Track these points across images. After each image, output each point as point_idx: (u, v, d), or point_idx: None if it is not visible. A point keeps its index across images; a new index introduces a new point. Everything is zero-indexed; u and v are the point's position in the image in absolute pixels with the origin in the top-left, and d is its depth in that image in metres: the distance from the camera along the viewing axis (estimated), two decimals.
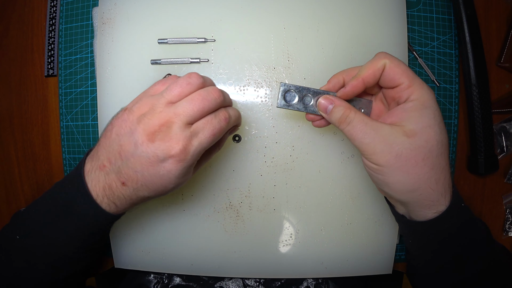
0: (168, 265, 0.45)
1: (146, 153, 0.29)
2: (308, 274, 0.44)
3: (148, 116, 0.30)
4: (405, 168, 0.29)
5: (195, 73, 0.32)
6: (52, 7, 0.48)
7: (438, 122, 0.29)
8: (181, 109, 0.30)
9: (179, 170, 0.30)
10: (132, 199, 0.33)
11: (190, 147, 0.29)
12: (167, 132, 0.29)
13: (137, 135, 0.29)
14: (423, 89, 0.30)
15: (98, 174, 0.32)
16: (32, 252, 0.35)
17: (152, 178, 0.30)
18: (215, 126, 0.31)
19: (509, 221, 0.47)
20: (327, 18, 0.42)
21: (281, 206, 0.43)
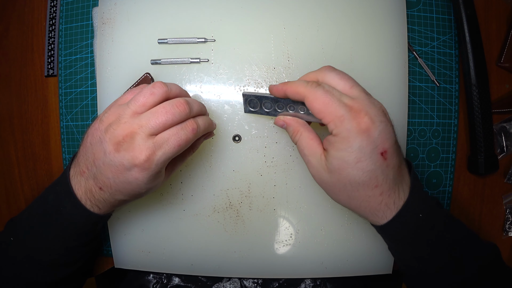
0: (168, 265, 0.45)
1: (114, 162, 0.31)
2: (308, 274, 0.44)
3: (113, 126, 0.31)
4: (330, 190, 0.33)
5: (159, 82, 0.33)
6: (52, 7, 0.48)
7: (357, 159, 0.29)
8: (145, 120, 0.31)
9: (146, 178, 0.31)
10: (111, 202, 0.34)
11: (153, 157, 0.30)
12: (131, 143, 0.30)
13: (105, 144, 0.31)
14: (342, 125, 0.29)
15: (80, 179, 0.34)
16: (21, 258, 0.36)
17: (123, 185, 0.32)
18: (181, 137, 0.31)
19: (509, 221, 0.47)
20: (327, 18, 0.42)
21: (281, 206, 0.43)
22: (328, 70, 0.32)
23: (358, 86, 0.32)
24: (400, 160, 0.32)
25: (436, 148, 0.46)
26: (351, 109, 0.29)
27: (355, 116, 0.29)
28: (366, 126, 0.29)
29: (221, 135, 0.42)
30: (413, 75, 0.45)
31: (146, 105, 0.32)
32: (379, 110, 0.30)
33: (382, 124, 0.29)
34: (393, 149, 0.30)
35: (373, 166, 0.29)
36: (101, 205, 0.35)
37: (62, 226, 0.35)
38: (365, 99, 0.30)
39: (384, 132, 0.29)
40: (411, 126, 0.45)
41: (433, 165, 0.46)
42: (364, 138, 0.29)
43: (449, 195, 0.46)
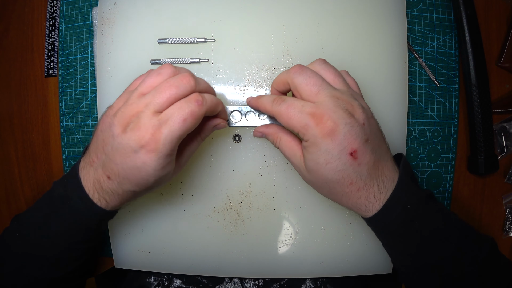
0: (168, 265, 0.45)
1: (122, 145, 0.30)
2: (308, 274, 0.44)
3: (122, 109, 0.31)
4: (314, 186, 0.35)
5: (167, 64, 0.33)
6: (52, 7, 0.48)
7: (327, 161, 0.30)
8: (149, 98, 0.30)
9: (154, 161, 0.30)
10: (119, 194, 0.33)
11: (159, 135, 0.29)
12: (137, 122, 0.30)
13: (114, 127, 0.30)
14: (308, 132, 0.30)
15: (89, 169, 0.33)
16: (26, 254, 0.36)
17: (131, 171, 0.31)
18: (185, 111, 0.30)
19: (509, 221, 0.47)
20: (327, 18, 0.42)
21: (281, 206, 0.43)
22: (296, 74, 0.32)
23: (324, 90, 0.31)
24: (376, 156, 0.32)
25: (436, 148, 0.46)
26: (313, 116, 0.30)
27: (318, 122, 0.30)
28: (329, 130, 0.30)
29: (221, 135, 0.42)
30: (413, 75, 0.45)
31: (153, 86, 0.31)
32: (344, 112, 0.30)
33: (347, 126, 0.30)
34: (363, 147, 0.31)
35: (343, 166, 0.31)
36: (108, 198, 0.33)
37: (67, 220, 0.35)
38: (329, 103, 0.30)
39: (349, 133, 0.30)
40: (411, 126, 0.45)
41: (433, 165, 0.46)
42: (329, 141, 0.30)
43: (449, 195, 0.46)
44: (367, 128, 0.31)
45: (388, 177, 0.33)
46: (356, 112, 0.31)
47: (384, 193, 0.32)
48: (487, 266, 0.33)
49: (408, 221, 0.32)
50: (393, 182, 0.33)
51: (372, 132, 0.32)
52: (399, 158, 0.37)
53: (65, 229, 0.35)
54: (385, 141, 0.34)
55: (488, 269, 0.33)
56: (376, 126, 0.33)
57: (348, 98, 0.31)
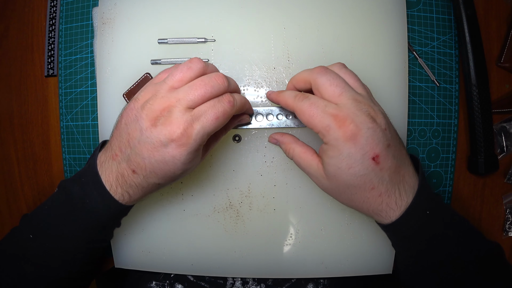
0: (168, 265, 0.45)
1: (150, 139, 0.30)
2: (308, 274, 0.44)
3: (150, 101, 0.30)
4: (333, 194, 0.34)
5: (196, 58, 0.33)
6: (52, 7, 0.48)
7: (349, 165, 0.30)
8: (182, 93, 0.30)
9: (184, 156, 0.30)
10: (143, 187, 0.33)
11: (191, 130, 0.29)
12: (168, 117, 0.29)
13: (141, 121, 0.30)
14: (330, 135, 0.30)
15: (111, 164, 0.33)
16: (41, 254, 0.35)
17: (159, 165, 0.31)
18: (219, 109, 0.30)
19: (509, 221, 0.47)
20: (327, 18, 0.42)
21: (281, 206, 0.43)
22: (320, 74, 0.32)
23: (347, 92, 0.31)
24: (397, 162, 0.32)
25: (436, 148, 0.46)
26: (336, 118, 0.30)
27: (341, 125, 0.30)
28: (352, 134, 0.30)
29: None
30: (413, 75, 0.45)
31: (184, 80, 0.31)
32: (367, 117, 0.30)
33: (369, 130, 0.30)
34: (385, 152, 0.31)
35: (365, 171, 0.30)
36: (132, 191, 0.33)
37: (85, 219, 0.34)
38: (351, 107, 0.30)
39: (372, 137, 0.30)
40: (411, 126, 0.45)
41: (433, 165, 0.46)
42: (352, 145, 0.30)
43: (449, 195, 0.46)
44: (389, 134, 0.31)
45: (409, 183, 0.32)
46: (378, 117, 0.31)
47: (406, 200, 0.32)
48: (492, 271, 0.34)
49: (426, 226, 0.32)
50: (414, 188, 0.32)
51: (393, 137, 0.32)
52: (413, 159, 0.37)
53: (82, 228, 0.35)
54: (403, 146, 0.34)
55: (494, 274, 0.34)
56: (395, 132, 0.33)
57: (369, 103, 0.32)
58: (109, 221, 0.35)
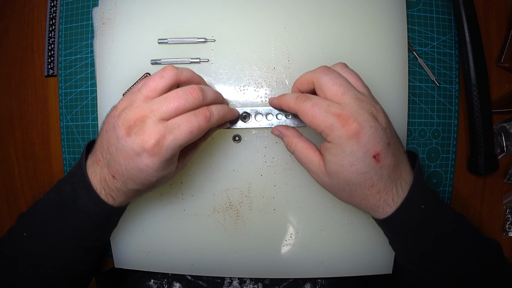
0: (168, 265, 0.45)
1: (125, 147, 0.30)
2: (308, 274, 0.44)
3: (126, 111, 0.31)
4: (332, 191, 0.35)
5: (169, 66, 0.33)
6: (52, 7, 0.48)
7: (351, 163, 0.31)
8: (156, 105, 0.31)
9: (156, 164, 0.31)
10: (124, 192, 0.34)
11: (163, 141, 0.30)
12: (142, 126, 0.30)
13: (118, 129, 0.31)
14: (333, 133, 0.31)
15: (95, 168, 0.34)
16: (37, 253, 0.36)
17: (134, 172, 0.31)
18: (193, 124, 0.31)
19: (509, 221, 0.47)
20: (327, 18, 0.42)
21: (281, 206, 0.43)
22: (323, 74, 0.33)
23: (350, 91, 0.32)
24: (396, 160, 0.32)
25: (436, 148, 0.46)
26: (339, 117, 0.30)
27: (344, 124, 0.30)
28: (355, 132, 0.30)
29: (221, 135, 0.42)
30: (413, 75, 0.45)
31: (157, 89, 0.32)
32: (369, 115, 0.31)
33: (372, 129, 0.30)
34: (386, 151, 0.31)
35: (366, 169, 0.31)
36: (114, 195, 0.34)
37: (77, 218, 0.35)
38: (354, 105, 0.31)
39: (373, 136, 0.30)
40: (411, 126, 0.45)
41: (433, 165, 0.46)
42: (354, 143, 0.30)
43: (449, 195, 0.46)
44: (389, 132, 0.32)
45: (405, 180, 0.33)
46: (379, 116, 0.32)
47: (402, 196, 0.33)
48: (491, 269, 0.34)
49: (421, 221, 0.33)
50: (409, 184, 0.33)
51: (393, 136, 0.33)
52: (411, 155, 0.37)
53: (75, 227, 0.36)
54: (401, 145, 0.35)
55: (492, 272, 0.34)
56: (394, 131, 0.34)
57: (371, 102, 0.32)
58: (100, 220, 0.36)
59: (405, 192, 0.33)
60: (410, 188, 0.33)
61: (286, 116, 0.40)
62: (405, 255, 0.37)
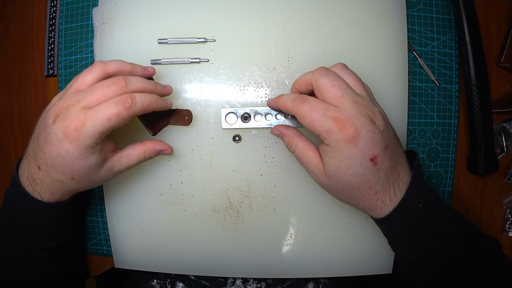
0: (168, 265, 0.45)
1: (50, 134, 0.31)
2: (308, 274, 0.44)
3: (56, 103, 0.33)
4: (331, 192, 0.35)
5: (98, 61, 0.35)
6: (52, 7, 0.48)
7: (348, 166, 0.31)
8: (82, 94, 0.32)
9: (76, 151, 0.31)
10: (48, 184, 0.34)
11: (82, 127, 0.31)
12: (66, 114, 0.31)
13: (47, 119, 0.32)
14: (330, 137, 0.31)
15: (25, 164, 0.35)
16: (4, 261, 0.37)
17: (57, 160, 0.32)
18: (111, 110, 0.31)
19: (509, 221, 0.47)
20: (327, 18, 0.42)
21: (281, 206, 0.43)
22: (322, 75, 0.33)
23: (348, 94, 0.32)
24: (394, 162, 0.33)
25: (436, 148, 0.46)
26: (337, 121, 0.31)
27: (341, 128, 0.30)
28: (352, 136, 0.30)
29: (221, 135, 0.42)
30: (413, 75, 0.45)
31: (85, 83, 0.33)
32: (366, 119, 0.31)
33: (369, 133, 0.31)
34: (383, 153, 0.32)
35: (363, 171, 0.31)
36: (40, 189, 0.35)
37: (20, 220, 0.36)
38: (352, 109, 0.31)
39: (370, 140, 0.31)
40: (411, 126, 0.45)
41: (433, 165, 0.46)
42: (351, 147, 0.31)
43: (449, 195, 0.46)
44: (386, 135, 0.32)
45: (403, 180, 0.33)
46: (377, 119, 0.32)
47: (399, 196, 0.33)
48: (490, 267, 0.34)
49: (418, 220, 0.33)
50: (407, 184, 0.33)
51: (391, 138, 0.33)
52: (411, 154, 0.37)
53: (23, 229, 0.36)
54: (400, 146, 0.35)
55: (492, 270, 0.34)
56: (393, 132, 0.34)
57: (369, 105, 0.32)
58: (42, 218, 0.36)
59: (402, 192, 0.33)
60: (408, 187, 0.33)
61: (285, 116, 0.40)
62: (403, 254, 0.37)
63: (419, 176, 0.34)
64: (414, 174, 0.34)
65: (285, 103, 0.35)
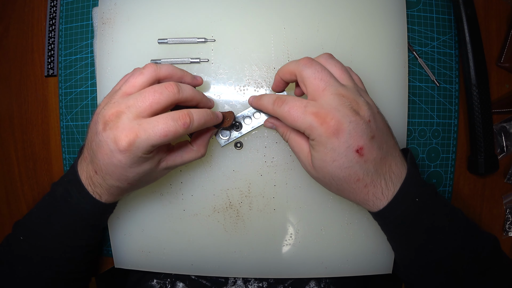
0: (168, 265, 0.45)
1: (101, 142, 0.31)
2: (308, 274, 0.44)
3: (105, 107, 0.32)
4: (322, 184, 0.35)
5: (149, 63, 0.33)
6: (52, 7, 0.48)
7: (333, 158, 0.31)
8: (132, 100, 0.31)
9: (128, 161, 0.31)
10: (106, 188, 0.34)
11: (135, 138, 0.29)
12: (116, 122, 0.30)
13: (97, 125, 0.31)
14: (313, 132, 0.31)
15: (83, 164, 0.35)
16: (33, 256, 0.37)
17: (111, 167, 0.32)
18: (169, 128, 0.30)
19: (509, 221, 0.47)
20: (327, 18, 0.42)
21: (281, 206, 0.43)
22: (306, 66, 0.32)
23: (330, 87, 0.31)
24: (383, 153, 0.32)
25: (436, 148, 0.46)
26: (317, 115, 0.30)
27: (322, 122, 0.30)
28: (334, 129, 0.30)
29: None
30: (413, 75, 0.45)
31: (136, 85, 0.32)
32: (349, 110, 0.30)
33: (352, 124, 0.30)
34: (369, 144, 0.31)
35: (349, 163, 0.31)
36: (99, 191, 0.35)
37: (70, 216, 0.36)
38: (333, 102, 0.30)
39: (354, 131, 0.30)
40: (411, 126, 0.45)
41: (433, 165, 0.46)
42: (335, 140, 0.30)
43: (449, 195, 0.46)
44: (373, 125, 0.31)
45: (396, 173, 0.33)
46: (362, 109, 0.31)
47: (392, 190, 0.32)
48: (489, 264, 0.34)
49: (415, 214, 0.33)
50: (401, 177, 0.33)
51: (379, 128, 0.32)
52: (405, 152, 0.37)
53: (69, 226, 0.36)
54: (392, 136, 0.34)
55: (490, 267, 0.34)
56: (383, 122, 0.33)
57: (353, 95, 0.32)
58: (91, 218, 0.37)
59: (396, 186, 0.32)
60: (404, 181, 0.32)
61: None
62: (400, 250, 0.37)
63: (415, 169, 0.34)
64: (409, 168, 0.33)
65: (265, 106, 0.35)
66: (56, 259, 0.37)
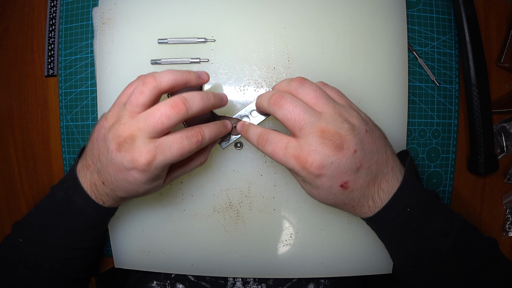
0: (168, 265, 0.45)
1: (115, 160, 0.31)
2: (308, 274, 0.44)
3: (115, 126, 0.31)
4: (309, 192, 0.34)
5: (149, 77, 0.32)
6: (52, 7, 0.48)
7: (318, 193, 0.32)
8: (142, 123, 0.30)
9: (145, 179, 0.32)
10: (113, 197, 0.35)
11: (154, 160, 0.30)
12: (132, 144, 0.30)
13: (109, 142, 0.31)
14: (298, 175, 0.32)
15: (86, 172, 0.35)
16: (34, 256, 0.37)
17: (123, 183, 0.32)
18: (184, 147, 0.31)
19: (509, 221, 0.47)
20: (327, 18, 0.42)
21: (281, 206, 0.43)
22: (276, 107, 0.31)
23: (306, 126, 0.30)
24: (371, 176, 0.31)
25: (436, 148, 0.46)
26: (298, 159, 0.30)
27: (303, 167, 0.30)
28: (315, 174, 0.30)
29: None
30: (413, 75, 0.45)
31: (139, 105, 0.31)
32: (330, 149, 0.29)
33: (334, 164, 0.29)
34: (355, 176, 0.30)
35: (334, 196, 0.32)
36: (104, 199, 0.36)
37: (72, 220, 0.36)
38: (312, 142, 0.29)
39: (337, 170, 0.30)
40: (411, 126, 0.45)
41: (433, 165, 0.46)
42: (318, 180, 0.30)
43: (449, 195, 0.46)
44: (360, 153, 0.30)
45: (386, 189, 0.32)
46: (346, 141, 0.29)
47: (380, 205, 0.33)
48: (487, 266, 0.34)
49: (404, 223, 0.33)
50: (392, 191, 0.32)
51: (367, 151, 0.31)
52: (404, 154, 0.37)
53: (72, 229, 0.37)
54: (385, 150, 0.33)
55: (489, 269, 0.33)
56: (373, 140, 0.31)
57: (334, 125, 0.30)
58: (94, 221, 0.37)
59: (384, 201, 0.32)
60: (394, 194, 0.32)
61: None
62: (395, 255, 0.37)
63: (411, 177, 0.33)
64: (406, 177, 0.32)
65: (250, 140, 0.35)
66: (57, 261, 0.37)
